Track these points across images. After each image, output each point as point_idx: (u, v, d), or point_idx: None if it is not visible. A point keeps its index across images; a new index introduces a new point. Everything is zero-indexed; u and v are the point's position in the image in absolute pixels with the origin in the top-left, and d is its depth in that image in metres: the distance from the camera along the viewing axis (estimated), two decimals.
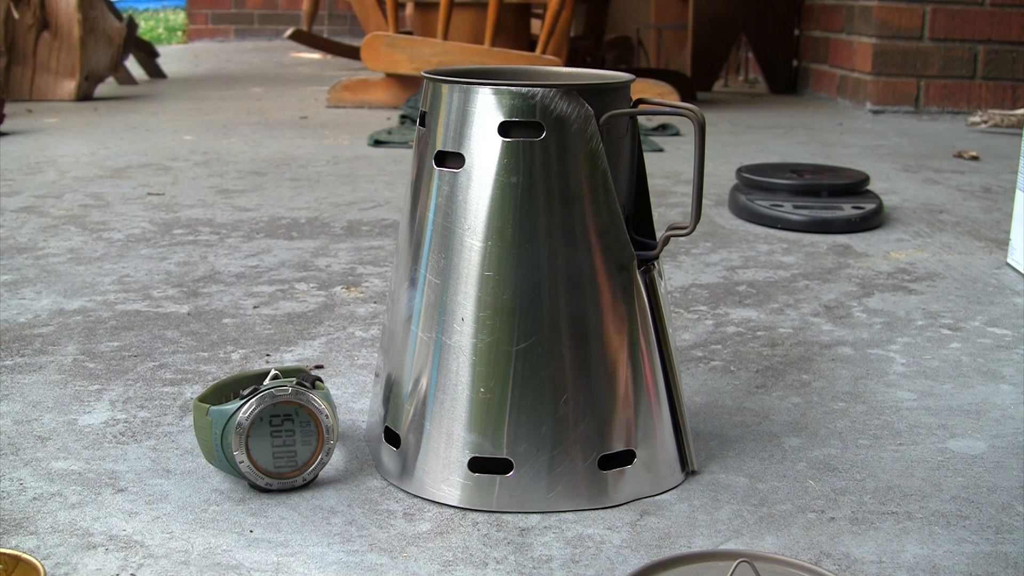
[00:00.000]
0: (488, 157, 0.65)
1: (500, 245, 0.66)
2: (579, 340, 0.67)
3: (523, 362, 0.66)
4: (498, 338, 0.66)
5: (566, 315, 0.66)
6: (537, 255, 0.66)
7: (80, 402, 0.84)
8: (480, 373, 0.66)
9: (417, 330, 0.69)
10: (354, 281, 1.19)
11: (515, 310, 0.66)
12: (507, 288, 0.66)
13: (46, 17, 2.89)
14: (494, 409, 0.66)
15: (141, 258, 1.28)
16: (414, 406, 0.69)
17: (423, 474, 0.69)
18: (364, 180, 1.82)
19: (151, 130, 2.40)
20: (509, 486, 0.67)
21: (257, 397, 0.68)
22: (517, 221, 0.65)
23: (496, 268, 0.66)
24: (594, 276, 0.67)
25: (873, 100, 2.87)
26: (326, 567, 0.61)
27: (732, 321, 1.06)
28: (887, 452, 0.77)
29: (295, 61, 4.43)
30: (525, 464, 0.67)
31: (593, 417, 0.68)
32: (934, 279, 1.23)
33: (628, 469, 0.69)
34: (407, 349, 0.70)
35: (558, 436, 0.67)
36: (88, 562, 0.61)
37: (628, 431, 0.69)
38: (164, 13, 6.97)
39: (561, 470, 0.67)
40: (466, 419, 0.67)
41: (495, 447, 0.67)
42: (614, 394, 0.68)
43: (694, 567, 0.60)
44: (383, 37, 2.78)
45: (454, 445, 0.68)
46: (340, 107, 2.87)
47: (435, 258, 0.68)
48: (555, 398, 0.67)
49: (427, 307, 0.68)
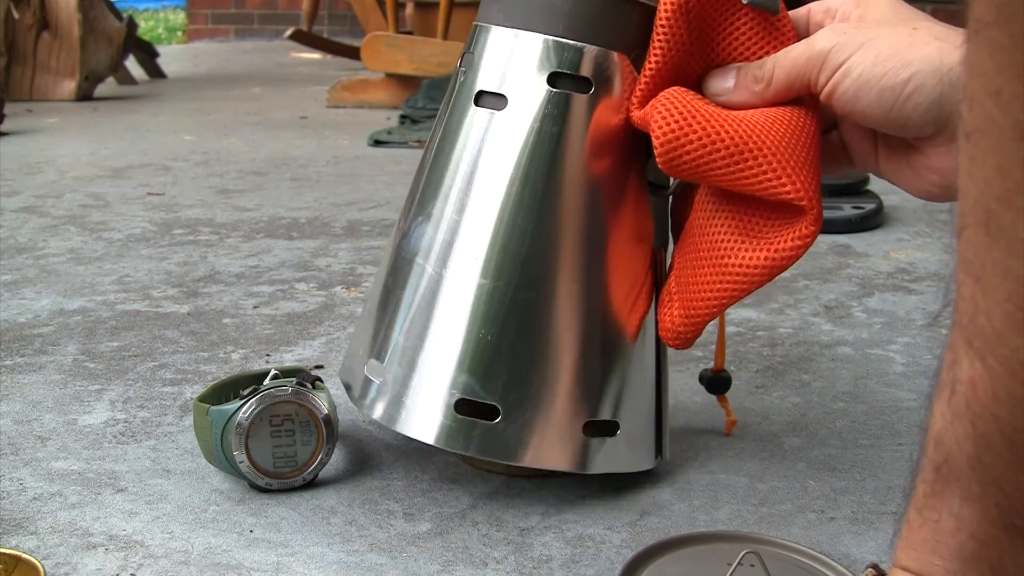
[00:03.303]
0: (531, 103, 0.64)
1: (527, 192, 0.64)
2: (587, 302, 0.66)
3: (528, 311, 0.65)
4: (507, 283, 0.65)
5: (579, 274, 0.66)
6: (561, 209, 0.65)
7: (80, 402, 0.84)
8: (483, 315, 0.65)
9: (425, 264, 0.67)
10: (354, 281, 1.19)
11: (529, 258, 0.64)
12: (526, 236, 0.64)
13: (46, 17, 2.89)
14: (490, 353, 0.65)
15: (141, 258, 1.28)
16: (407, 339, 0.67)
17: (404, 408, 0.66)
18: (364, 180, 1.82)
19: (151, 130, 2.40)
20: (491, 434, 0.65)
21: (257, 397, 0.68)
22: (548, 172, 0.64)
23: (519, 214, 0.65)
24: (614, 244, 0.66)
25: None
26: (326, 567, 0.61)
27: (732, 321, 1.06)
28: (887, 452, 0.77)
29: (295, 61, 4.42)
30: (512, 414, 0.65)
31: (587, 381, 0.66)
32: (934, 279, 1.23)
33: (610, 440, 0.68)
34: (408, 282, 0.68)
35: (549, 392, 0.65)
36: (88, 562, 0.61)
37: (617, 403, 0.68)
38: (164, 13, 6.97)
39: (546, 427, 0.65)
40: (460, 359, 0.65)
41: (485, 392, 0.65)
42: (611, 364, 0.67)
43: (699, 548, 0.60)
44: (383, 37, 2.78)
45: (444, 384, 0.65)
46: (340, 107, 2.87)
47: (459, 196, 0.66)
48: (553, 353, 0.65)
49: (441, 243, 0.66)
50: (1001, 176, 0.35)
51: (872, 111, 0.58)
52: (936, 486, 0.42)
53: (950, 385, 0.40)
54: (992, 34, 0.35)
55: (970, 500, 0.41)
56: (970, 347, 0.38)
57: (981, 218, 0.36)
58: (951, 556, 0.42)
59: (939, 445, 0.42)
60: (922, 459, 0.43)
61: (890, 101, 0.58)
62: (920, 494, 0.44)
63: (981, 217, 0.36)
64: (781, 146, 0.59)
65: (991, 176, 0.36)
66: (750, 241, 0.61)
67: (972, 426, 0.39)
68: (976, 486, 0.40)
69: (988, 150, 0.36)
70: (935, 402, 0.42)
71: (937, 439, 0.42)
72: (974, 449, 0.40)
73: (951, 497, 0.42)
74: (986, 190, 0.36)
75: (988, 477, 0.40)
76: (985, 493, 0.40)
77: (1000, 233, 0.36)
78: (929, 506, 0.43)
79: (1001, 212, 0.36)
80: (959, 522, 0.42)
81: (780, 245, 0.59)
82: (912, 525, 0.44)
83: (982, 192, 0.36)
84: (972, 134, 0.36)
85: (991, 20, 0.34)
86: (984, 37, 0.35)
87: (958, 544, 0.42)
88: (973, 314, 0.38)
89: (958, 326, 0.39)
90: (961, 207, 0.38)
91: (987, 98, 0.35)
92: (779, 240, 0.60)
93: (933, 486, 0.42)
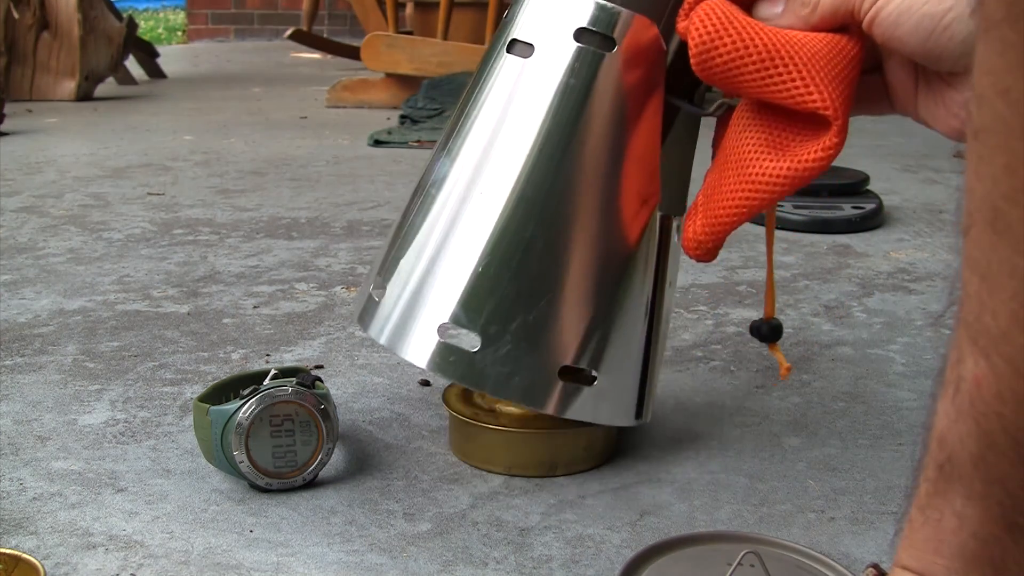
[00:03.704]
0: (557, 55, 0.67)
1: (541, 141, 0.67)
2: (584, 253, 0.68)
3: (522, 252, 0.67)
4: (507, 222, 0.67)
5: (579, 226, 0.68)
6: (573, 161, 0.67)
7: (80, 402, 0.84)
8: (479, 249, 0.67)
9: (436, 194, 0.70)
10: (354, 281, 1.19)
11: (535, 201, 0.67)
12: (534, 179, 0.67)
13: (46, 17, 2.89)
14: (479, 286, 0.67)
15: (141, 258, 1.28)
16: (411, 265, 0.69)
17: (397, 329, 0.69)
18: (364, 180, 1.82)
19: (151, 130, 2.40)
20: (469, 362, 0.67)
21: (257, 397, 0.68)
22: (564, 123, 0.67)
23: (530, 160, 0.67)
24: (619, 202, 0.68)
25: None
26: (326, 567, 0.61)
27: (732, 321, 1.06)
28: (887, 452, 0.77)
29: (295, 61, 4.42)
30: (490, 346, 0.66)
31: (569, 327, 0.68)
32: (934, 279, 1.23)
33: (584, 389, 0.69)
34: (419, 210, 0.71)
35: (529, 331, 0.67)
36: (88, 562, 0.61)
37: (598, 355, 0.69)
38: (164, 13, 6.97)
39: (522, 363, 0.67)
40: (452, 288, 0.67)
41: (468, 321, 0.67)
42: (597, 317, 0.69)
43: (699, 549, 0.60)
44: (383, 37, 2.78)
45: (433, 309, 0.67)
46: (340, 107, 2.87)
47: (477, 135, 0.69)
48: (540, 296, 0.67)
49: (453, 176, 0.69)
50: (1009, 174, 0.35)
51: (910, 38, 0.58)
52: (939, 485, 0.42)
53: (954, 383, 0.40)
54: (1002, 32, 0.34)
55: (973, 499, 0.41)
56: (975, 345, 0.38)
57: (988, 216, 0.36)
58: (953, 555, 0.42)
59: (942, 443, 0.42)
60: (925, 457, 0.43)
61: (928, 29, 0.57)
62: (922, 493, 0.43)
63: (988, 215, 0.36)
64: (813, 59, 0.60)
65: (999, 174, 0.36)
66: (775, 152, 0.62)
67: (976, 424, 0.39)
68: (979, 485, 0.40)
69: (996, 148, 0.36)
70: (939, 400, 0.42)
71: (940, 437, 0.42)
72: (977, 448, 0.40)
73: (954, 496, 0.42)
74: (993, 188, 0.36)
75: (991, 476, 0.40)
76: (988, 492, 0.40)
77: (1007, 231, 0.36)
78: (931, 505, 0.43)
79: (1008, 210, 0.36)
80: (961, 521, 0.42)
81: (804, 156, 0.60)
82: (914, 524, 0.44)
83: (989, 190, 0.36)
84: (980, 132, 0.36)
85: (1001, 18, 0.34)
86: (994, 35, 0.35)
87: (960, 543, 0.42)
88: (978, 312, 0.38)
89: (963, 324, 0.39)
90: (968, 205, 0.38)
91: (996, 96, 0.35)
92: (803, 151, 0.61)
93: (936, 485, 0.42)
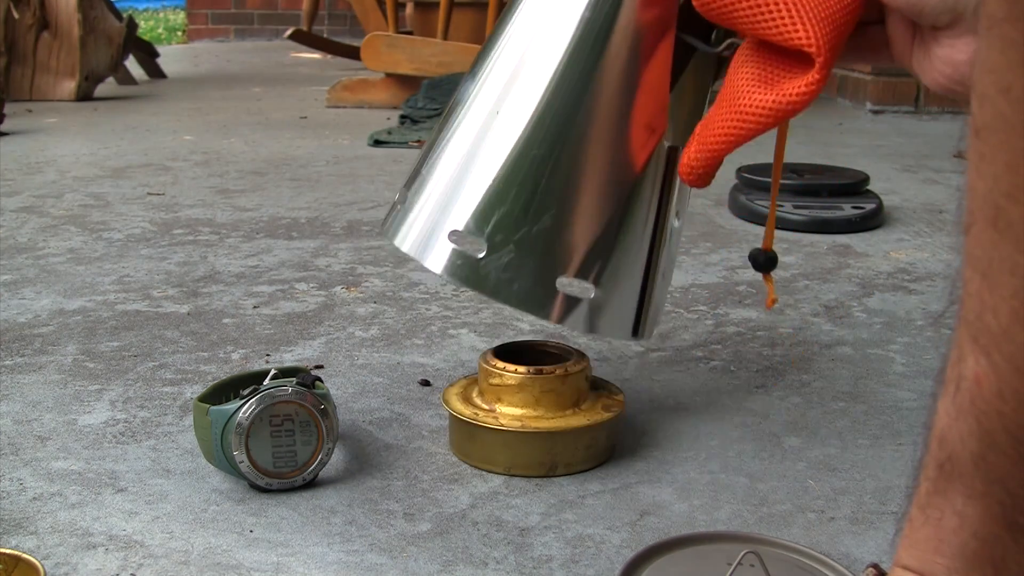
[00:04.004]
0: None
1: (560, 65, 0.71)
2: (591, 174, 0.73)
3: (531, 167, 0.71)
4: (521, 142, 0.71)
5: (588, 147, 0.72)
6: (585, 87, 0.72)
7: (80, 402, 0.84)
8: (490, 161, 0.72)
9: (459, 112, 0.75)
10: (354, 281, 1.19)
11: (544, 120, 0.71)
12: (549, 102, 0.72)
13: (46, 17, 2.89)
14: (491, 199, 0.71)
15: (141, 258, 1.28)
16: (430, 177, 0.75)
17: (411, 234, 0.74)
18: (364, 180, 1.82)
19: (151, 130, 2.40)
20: (474, 267, 0.71)
21: (257, 397, 0.68)
22: (581, 51, 0.71)
23: (548, 83, 0.71)
24: (629, 126, 0.73)
25: (873, 100, 2.87)
26: (326, 567, 0.61)
27: (732, 321, 1.06)
28: (887, 452, 0.77)
29: (295, 61, 4.42)
30: (494, 253, 0.71)
31: (571, 242, 0.72)
32: (934, 279, 1.23)
33: (583, 301, 0.73)
34: (444, 126, 0.76)
35: (532, 242, 0.71)
36: (88, 562, 0.61)
37: (597, 270, 0.73)
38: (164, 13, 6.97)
39: (522, 271, 0.71)
40: (463, 197, 0.72)
41: (476, 229, 0.71)
42: (598, 233, 0.73)
43: (699, 548, 0.60)
44: (383, 37, 2.78)
45: (447, 219, 0.72)
46: (340, 107, 2.87)
47: (497, 58, 0.74)
48: (544, 210, 0.72)
49: (473, 96, 0.75)
50: (1010, 172, 0.35)
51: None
52: (939, 484, 0.42)
53: (955, 382, 0.40)
54: (1004, 30, 0.34)
55: (973, 498, 0.41)
56: (976, 344, 0.38)
57: (989, 214, 0.36)
58: (954, 554, 0.42)
59: (943, 442, 0.42)
60: (925, 456, 0.43)
61: None
62: (923, 492, 0.43)
63: (989, 213, 0.36)
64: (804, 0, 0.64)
65: (1000, 172, 0.36)
66: (764, 86, 0.66)
67: (976, 423, 0.39)
68: (980, 484, 0.40)
69: (998, 146, 0.36)
70: (939, 399, 0.42)
71: (941, 436, 0.42)
72: (978, 446, 0.39)
73: (954, 495, 0.42)
74: (995, 186, 0.36)
75: (992, 475, 0.40)
76: (989, 491, 0.40)
77: (1008, 229, 0.36)
78: (932, 504, 0.43)
79: (1010, 208, 0.36)
80: (962, 520, 0.42)
81: (788, 90, 0.64)
82: (914, 523, 0.44)
83: (991, 188, 0.36)
84: (982, 130, 0.36)
85: (1003, 16, 0.34)
86: (996, 33, 0.35)
87: (960, 542, 0.42)
88: (979, 311, 0.38)
89: (964, 322, 0.39)
90: (969, 203, 0.38)
91: (998, 94, 0.35)
92: (789, 86, 0.65)
93: (936, 484, 0.42)
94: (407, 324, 1.04)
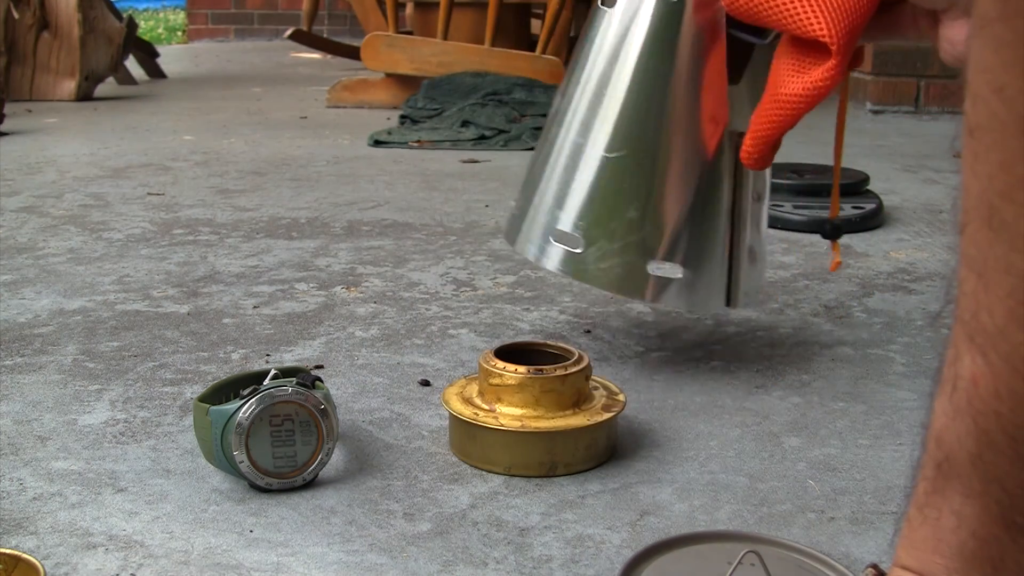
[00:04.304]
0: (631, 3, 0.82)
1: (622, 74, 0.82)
2: (662, 164, 0.83)
3: (610, 168, 0.83)
4: (595, 143, 0.83)
5: (660, 143, 0.83)
6: (650, 89, 0.82)
7: (80, 402, 0.84)
8: (577, 167, 0.84)
9: (551, 126, 0.88)
10: (354, 281, 1.19)
11: (618, 124, 0.83)
12: (614, 106, 0.83)
13: (46, 17, 2.89)
14: (581, 198, 0.84)
15: (141, 258, 1.28)
16: (533, 185, 0.88)
17: (520, 235, 0.88)
18: (364, 180, 1.82)
19: (151, 130, 2.40)
20: (574, 259, 0.84)
21: (257, 397, 0.68)
22: (646, 57, 0.82)
23: (611, 90, 0.83)
24: (692, 115, 0.83)
25: (873, 100, 2.87)
26: (326, 567, 0.61)
27: (732, 321, 1.06)
28: (887, 452, 0.77)
29: (295, 61, 4.42)
30: (591, 246, 0.84)
31: (654, 230, 0.84)
32: (934, 279, 1.23)
33: (673, 281, 0.85)
34: (544, 142, 0.88)
35: (622, 233, 0.83)
36: (88, 562, 0.61)
37: (681, 252, 0.84)
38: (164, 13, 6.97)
39: (617, 260, 0.84)
40: (559, 198, 0.85)
41: (574, 227, 0.84)
42: (680, 218, 0.84)
43: (700, 548, 0.60)
44: (383, 37, 2.78)
45: (547, 217, 0.86)
46: (340, 107, 2.87)
47: (572, 75, 0.86)
48: (628, 203, 0.83)
49: (559, 111, 0.87)
50: (1004, 171, 0.35)
51: None
52: (937, 483, 0.42)
53: (951, 382, 0.40)
54: (996, 30, 0.34)
55: (971, 497, 0.41)
56: (972, 343, 0.38)
57: (984, 214, 0.36)
58: (952, 554, 0.42)
59: (940, 442, 0.42)
60: (923, 457, 0.43)
61: None
62: (921, 492, 0.43)
63: (984, 213, 0.36)
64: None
65: (994, 172, 0.36)
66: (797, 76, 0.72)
67: (973, 423, 0.39)
68: (977, 483, 0.40)
69: (991, 146, 0.36)
70: (936, 399, 0.42)
71: (938, 436, 0.42)
72: (975, 446, 0.39)
73: (952, 495, 0.42)
74: (989, 186, 0.36)
75: (989, 474, 0.40)
76: (986, 490, 0.40)
77: (1003, 228, 0.36)
78: (930, 504, 0.43)
79: (1004, 208, 0.36)
80: (960, 520, 0.42)
81: (812, 78, 0.71)
82: (913, 523, 0.44)
83: (985, 188, 0.36)
84: (975, 130, 0.36)
85: (996, 16, 0.34)
86: (988, 33, 0.35)
87: (959, 542, 0.42)
88: (975, 310, 0.38)
89: (960, 322, 0.39)
90: (964, 203, 0.38)
91: (991, 94, 0.35)
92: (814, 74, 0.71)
93: (934, 483, 0.42)
94: (407, 324, 1.04)
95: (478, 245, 1.36)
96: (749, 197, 0.86)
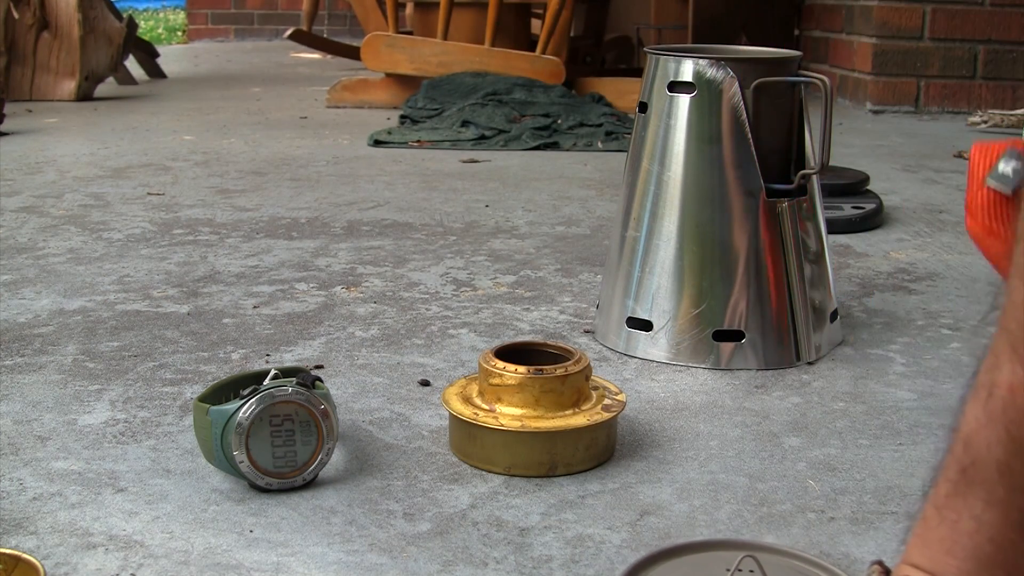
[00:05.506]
0: (660, 106, 0.94)
1: (661, 167, 0.94)
2: (710, 243, 0.93)
3: (666, 253, 0.94)
4: (648, 235, 0.95)
5: (703, 223, 0.92)
6: (686, 177, 0.93)
7: (80, 402, 0.84)
8: (637, 260, 0.95)
9: (617, 223, 0.99)
10: (354, 281, 1.19)
11: (661, 216, 0.94)
12: (661, 198, 0.94)
13: (46, 17, 2.89)
14: (644, 284, 0.95)
15: (141, 258, 1.28)
16: (604, 278, 1.01)
17: (600, 326, 1.00)
18: (364, 180, 1.82)
19: (151, 130, 2.40)
20: (647, 341, 0.95)
21: (257, 397, 0.68)
22: (673, 151, 0.93)
23: (655, 184, 0.94)
24: (727, 197, 0.92)
25: (873, 100, 2.87)
26: (326, 567, 0.61)
27: None
28: (887, 452, 0.77)
29: (295, 61, 4.42)
30: (660, 326, 0.94)
31: (713, 300, 0.92)
32: (934, 279, 1.23)
33: (737, 345, 0.92)
34: (613, 237, 1.00)
35: (685, 309, 0.93)
36: (88, 562, 0.61)
37: (741, 316, 0.92)
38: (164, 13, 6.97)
39: (684, 335, 0.93)
40: (627, 290, 0.96)
41: (642, 311, 0.95)
42: (732, 286, 0.92)
43: (698, 556, 0.60)
44: (383, 37, 2.78)
45: (618, 307, 0.97)
46: (340, 107, 2.87)
47: (629, 175, 0.97)
48: (686, 281, 0.93)
49: (620, 210, 0.99)
50: None
51: None
52: (960, 487, 0.42)
53: (987, 388, 0.40)
54: None
55: (993, 504, 0.41)
56: (1014, 353, 0.38)
57: None
58: (967, 556, 0.42)
59: (968, 447, 0.41)
60: (947, 458, 0.43)
61: None
62: (941, 493, 0.43)
63: None
64: None
65: None
66: None
67: (1006, 431, 0.39)
68: (1002, 491, 0.40)
69: None
70: (968, 403, 0.41)
71: (967, 440, 0.42)
72: (1005, 454, 0.39)
73: (974, 500, 0.42)
74: None
75: (1016, 483, 0.40)
76: (1010, 499, 0.40)
77: None
78: (949, 506, 0.43)
79: None
80: (979, 525, 0.41)
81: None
82: (929, 523, 0.44)
83: None
84: None
85: None
86: None
87: (975, 546, 0.42)
88: (1022, 320, 0.38)
89: (1003, 331, 0.39)
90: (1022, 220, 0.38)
91: None
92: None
93: (956, 486, 0.42)
94: (407, 324, 1.04)
95: (478, 245, 1.36)
96: (791, 253, 0.93)
